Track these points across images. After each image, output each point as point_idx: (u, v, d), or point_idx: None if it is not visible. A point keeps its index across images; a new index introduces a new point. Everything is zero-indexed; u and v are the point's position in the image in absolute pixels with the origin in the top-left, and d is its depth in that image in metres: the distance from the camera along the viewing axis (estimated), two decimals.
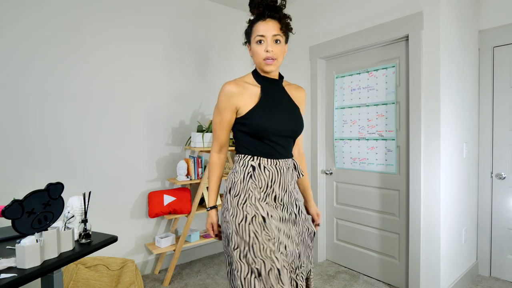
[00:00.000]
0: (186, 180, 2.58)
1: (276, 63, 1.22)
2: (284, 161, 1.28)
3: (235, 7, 3.18)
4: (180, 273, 2.62)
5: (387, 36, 2.25)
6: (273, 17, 1.21)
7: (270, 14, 1.20)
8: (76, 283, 1.92)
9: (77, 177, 2.28)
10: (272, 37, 1.20)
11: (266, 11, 1.20)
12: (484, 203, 2.52)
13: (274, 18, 1.21)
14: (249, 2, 1.25)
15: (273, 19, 1.21)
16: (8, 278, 1.02)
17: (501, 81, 2.41)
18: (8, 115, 2.02)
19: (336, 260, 2.80)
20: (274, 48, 1.20)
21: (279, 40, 1.21)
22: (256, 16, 1.23)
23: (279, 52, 1.22)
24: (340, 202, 2.75)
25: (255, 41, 1.22)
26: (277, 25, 1.21)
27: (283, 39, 1.24)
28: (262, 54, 1.20)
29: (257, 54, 1.22)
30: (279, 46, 1.22)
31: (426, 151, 2.08)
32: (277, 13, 1.21)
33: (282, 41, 1.23)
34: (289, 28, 1.27)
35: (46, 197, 1.21)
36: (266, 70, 1.24)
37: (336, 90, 2.73)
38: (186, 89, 2.85)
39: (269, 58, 1.20)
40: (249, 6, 1.25)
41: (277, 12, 1.21)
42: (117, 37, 2.45)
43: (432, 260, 2.08)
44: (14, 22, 2.02)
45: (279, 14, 1.22)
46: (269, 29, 1.19)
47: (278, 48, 1.21)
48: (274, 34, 1.20)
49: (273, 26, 1.20)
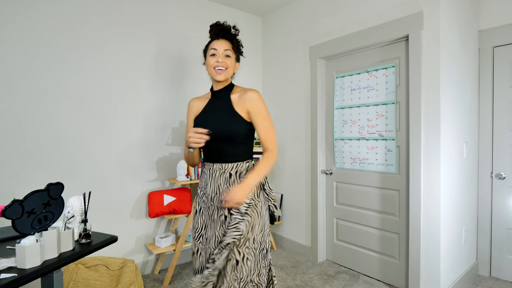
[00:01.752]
0: (186, 180, 2.58)
1: (226, 73, 1.42)
2: (218, 165, 1.42)
3: (235, 7, 3.18)
4: (180, 273, 2.62)
5: (387, 36, 2.25)
6: (225, 37, 1.45)
7: (223, 35, 1.44)
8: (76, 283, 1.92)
9: (77, 177, 2.29)
10: (224, 52, 1.41)
11: (220, 32, 1.44)
12: (484, 203, 2.52)
13: (226, 39, 1.45)
14: (209, 30, 1.47)
15: (225, 39, 1.44)
16: (8, 278, 1.02)
17: (501, 81, 2.41)
18: (8, 115, 2.02)
19: (336, 260, 2.80)
20: (224, 60, 1.41)
21: (229, 55, 1.43)
22: (212, 37, 1.46)
23: (230, 64, 1.43)
24: (340, 202, 2.75)
25: (209, 54, 1.43)
26: (228, 43, 1.44)
27: (233, 56, 1.45)
28: (213, 64, 1.41)
29: (209, 65, 1.43)
30: (229, 60, 1.43)
31: (426, 151, 2.09)
32: (229, 34, 1.45)
33: (232, 57, 1.45)
34: (239, 50, 1.50)
35: (46, 197, 1.21)
36: (217, 79, 1.42)
37: (336, 90, 2.73)
38: (186, 89, 2.85)
39: (219, 67, 1.40)
40: (209, 32, 1.47)
41: (229, 34, 1.45)
42: (117, 37, 2.45)
43: (432, 260, 2.08)
44: (14, 22, 2.02)
45: (230, 36, 1.45)
46: (221, 45, 1.42)
47: (229, 61, 1.43)
48: (225, 49, 1.42)
49: (225, 43, 1.43)
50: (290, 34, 3.09)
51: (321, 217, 2.84)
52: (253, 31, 3.37)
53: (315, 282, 2.46)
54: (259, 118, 1.40)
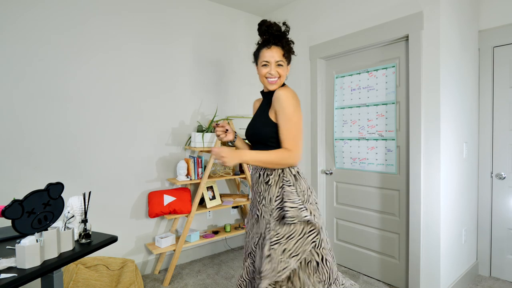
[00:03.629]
0: (186, 180, 2.58)
1: (279, 81, 1.41)
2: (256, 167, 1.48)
3: (235, 7, 3.18)
4: (180, 273, 2.63)
5: (387, 36, 2.25)
6: (277, 44, 1.40)
7: (274, 42, 1.39)
8: (76, 283, 1.92)
9: (77, 177, 2.29)
10: (275, 63, 1.39)
11: (271, 39, 1.39)
12: (484, 203, 2.52)
13: (278, 45, 1.40)
14: (257, 28, 1.44)
15: (277, 46, 1.39)
16: (8, 278, 1.02)
17: (501, 81, 2.41)
18: (8, 115, 2.02)
19: (336, 260, 2.80)
20: (277, 70, 1.39)
21: (281, 64, 1.40)
22: (263, 41, 1.43)
23: (282, 72, 1.41)
24: (340, 202, 2.75)
25: (261, 64, 1.41)
26: (280, 51, 1.40)
27: (285, 63, 1.42)
28: (265, 74, 1.40)
29: (261, 75, 1.42)
30: (281, 68, 1.41)
31: (426, 151, 2.09)
32: (280, 41, 1.40)
33: (284, 64, 1.42)
34: (291, 52, 1.45)
35: (46, 197, 1.21)
36: (270, 88, 1.42)
37: (336, 90, 2.73)
38: (186, 89, 2.85)
39: (271, 77, 1.40)
40: (257, 31, 1.44)
41: (280, 41, 1.40)
42: (118, 38, 2.45)
43: (432, 260, 2.08)
44: (14, 22, 2.02)
45: (282, 42, 1.40)
46: (273, 56, 1.38)
47: (281, 69, 1.40)
48: (277, 61, 1.39)
49: (276, 53, 1.39)
50: (290, 34, 3.08)
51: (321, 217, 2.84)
52: (253, 31, 3.37)
53: None
54: (280, 117, 1.34)
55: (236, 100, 3.22)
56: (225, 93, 3.15)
